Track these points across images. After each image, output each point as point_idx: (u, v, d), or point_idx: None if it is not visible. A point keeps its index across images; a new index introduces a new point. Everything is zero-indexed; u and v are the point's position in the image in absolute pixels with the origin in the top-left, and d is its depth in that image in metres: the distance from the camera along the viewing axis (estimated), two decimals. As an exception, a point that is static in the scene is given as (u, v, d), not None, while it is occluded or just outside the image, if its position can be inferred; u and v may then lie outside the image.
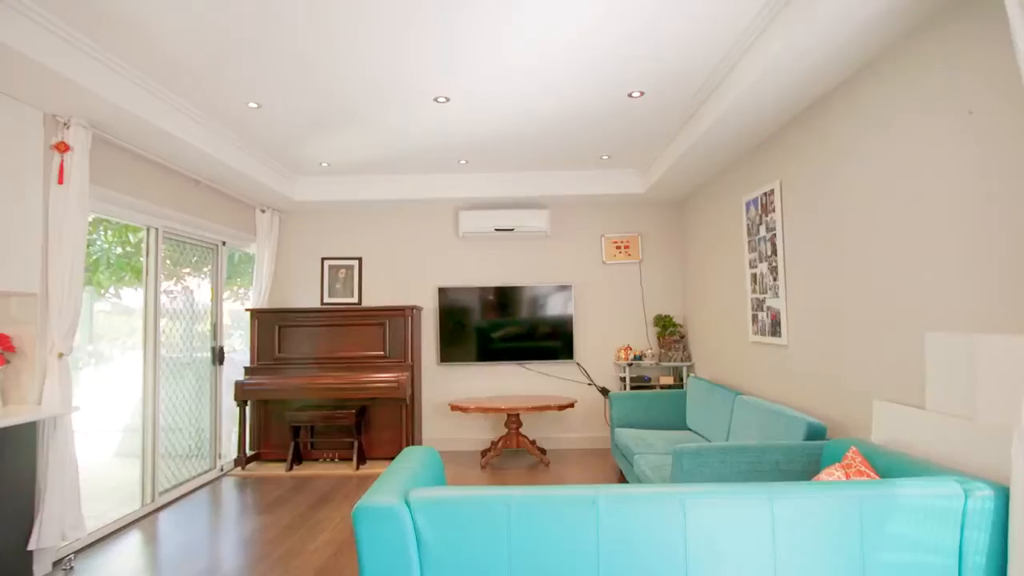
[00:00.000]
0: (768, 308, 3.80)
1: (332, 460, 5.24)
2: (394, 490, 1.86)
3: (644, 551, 1.76)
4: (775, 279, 3.68)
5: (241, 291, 6.07)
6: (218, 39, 2.80)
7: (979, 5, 2.04)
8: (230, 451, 5.22)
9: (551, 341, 5.66)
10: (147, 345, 4.08)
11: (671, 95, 3.61)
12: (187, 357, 4.62)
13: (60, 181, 3.09)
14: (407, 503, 1.80)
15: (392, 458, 5.23)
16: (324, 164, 4.98)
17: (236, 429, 5.18)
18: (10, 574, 2.84)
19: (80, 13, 2.54)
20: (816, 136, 3.17)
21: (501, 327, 5.67)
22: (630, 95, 3.60)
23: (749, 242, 4.08)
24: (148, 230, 4.11)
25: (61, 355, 3.05)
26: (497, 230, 5.60)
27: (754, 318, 4.03)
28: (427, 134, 4.28)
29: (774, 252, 3.68)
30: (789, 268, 3.53)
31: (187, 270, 4.69)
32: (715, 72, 3.25)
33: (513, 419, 5.14)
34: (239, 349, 5.61)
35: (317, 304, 5.78)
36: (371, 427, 5.32)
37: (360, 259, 5.82)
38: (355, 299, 5.78)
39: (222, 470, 4.97)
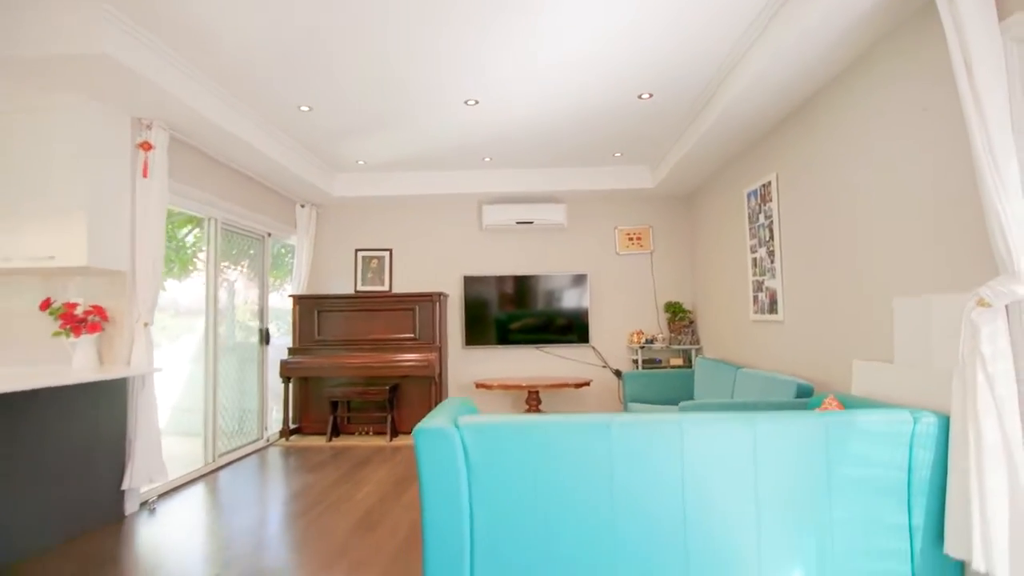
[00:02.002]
0: (766, 288, 4.18)
1: (367, 433, 5.70)
2: (445, 418, 2.30)
3: (649, 466, 2.17)
4: (772, 262, 4.07)
5: (275, 282, 6.55)
6: (280, 51, 3.27)
7: (926, 13, 2.43)
8: (272, 425, 5.69)
9: (567, 326, 6.08)
10: (208, 325, 4.56)
11: (677, 97, 4.01)
12: (239, 338, 5.11)
13: (144, 175, 3.58)
14: (456, 427, 2.23)
15: (421, 432, 5.68)
16: (360, 162, 5.45)
17: (279, 405, 5.66)
18: (107, 508, 3.32)
19: (168, 27, 3.02)
20: (808, 130, 3.56)
21: (521, 313, 6.09)
22: (640, 97, 4.02)
23: (750, 229, 4.46)
24: (208, 220, 4.60)
25: (146, 324, 3.53)
26: (518, 223, 6.03)
27: (754, 299, 4.41)
28: (456, 134, 4.72)
29: (772, 238, 4.07)
30: (785, 251, 3.91)
31: (243, 261, 5.18)
32: (713, 79, 3.66)
33: (533, 396, 5.56)
34: (274, 334, 6.08)
35: (351, 291, 6.26)
36: (402, 404, 5.78)
37: (391, 250, 6.29)
38: (386, 287, 6.24)
39: (268, 441, 5.45)
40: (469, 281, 6.11)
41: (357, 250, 6.30)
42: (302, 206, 6.02)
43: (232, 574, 2.61)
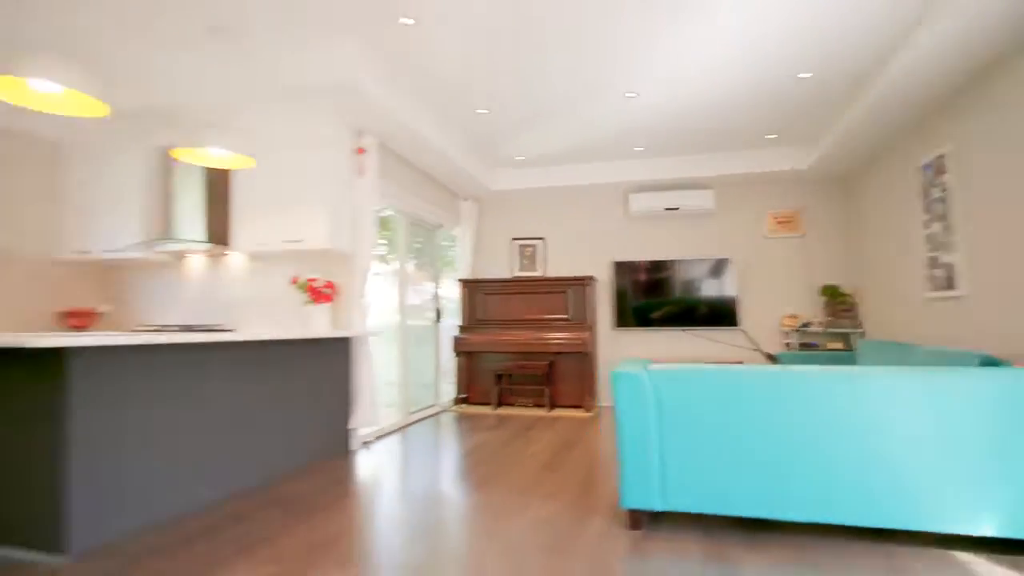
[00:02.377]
0: (943, 264, 4.04)
1: (527, 405, 6.25)
2: (635, 366, 2.67)
3: (825, 411, 2.37)
4: (950, 235, 3.93)
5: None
6: (475, 64, 3.84)
7: None
8: (443, 395, 6.45)
9: (715, 309, 6.18)
10: (400, 306, 5.35)
11: (836, 75, 4.03)
12: (418, 318, 5.89)
13: (360, 175, 4.37)
14: (647, 371, 2.60)
15: (574, 406, 6.11)
16: (519, 157, 6.01)
17: (448, 377, 6.41)
18: (339, 442, 4.13)
19: (398, 59, 3.71)
20: (989, 99, 3.44)
21: (668, 296, 6.30)
22: (798, 77, 4.09)
23: (924, 204, 4.32)
24: (398, 213, 5.39)
25: (362, 297, 4.31)
26: (666, 209, 6.25)
27: (929, 276, 4.26)
28: (612, 125, 5.08)
29: (947, 211, 3.93)
30: (966, 224, 3.77)
31: (421, 248, 5.97)
32: (877, 53, 3.65)
33: (683, 375, 5.75)
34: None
35: (508, 276, 6.86)
36: (557, 379, 6.26)
37: (543, 238, 6.80)
38: (540, 271, 6.77)
39: (442, 407, 6.20)
40: (618, 266, 6.44)
41: (514, 238, 6.90)
42: (464, 200, 6.73)
43: (440, 490, 3.20)
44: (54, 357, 2.31)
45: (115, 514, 2.49)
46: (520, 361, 6.13)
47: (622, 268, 6.44)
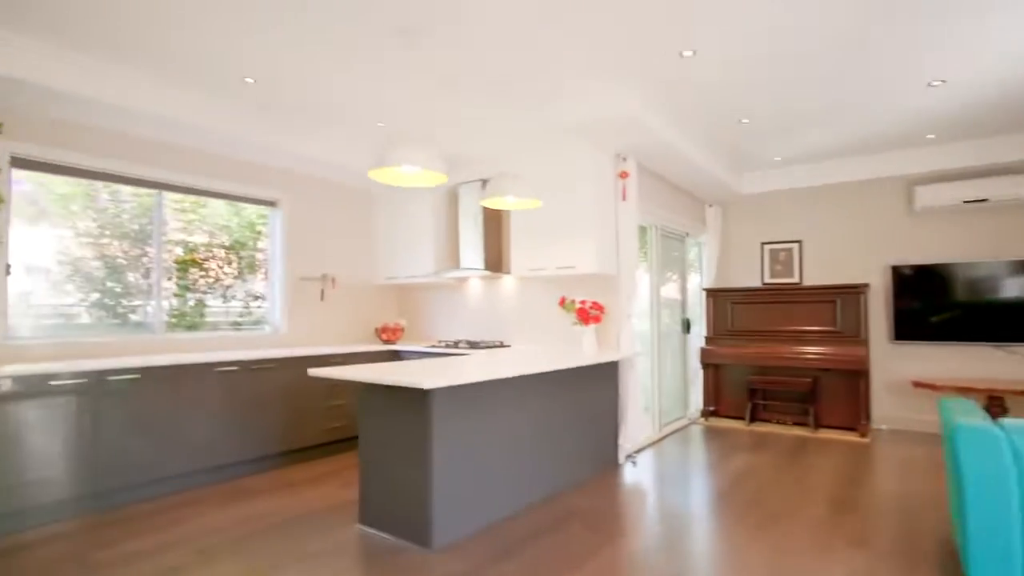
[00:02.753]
0: None
1: (784, 424, 5.86)
2: (975, 418, 2.34)
3: None
4: None
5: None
6: (746, 80, 3.70)
7: None
8: (689, 406, 6.37)
9: (1041, 322, 5.03)
10: (652, 318, 5.43)
11: None
12: (667, 329, 5.90)
13: (623, 199, 4.52)
14: (1002, 428, 2.26)
15: (843, 428, 5.55)
16: (777, 158, 5.62)
17: (694, 388, 6.31)
18: (609, 457, 4.37)
19: (663, 82, 3.76)
20: None
21: (964, 306, 5.31)
22: None
23: None
24: (650, 227, 5.46)
25: (629, 316, 4.48)
26: (965, 202, 5.27)
27: None
28: (903, 115, 4.45)
29: None
30: None
31: (671, 260, 5.97)
32: None
33: (996, 402, 4.83)
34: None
35: (757, 283, 6.48)
36: (822, 397, 5.74)
37: (800, 241, 6.26)
38: (795, 278, 6.25)
39: (690, 420, 6.15)
40: (896, 270, 5.63)
41: (763, 243, 6.48)
42: (710, 206, 6.51)
43: (723, 523, 3.18)
44: (425, 395, 2.87)
45: (461, 519, 3.01)
46: (777, 376, 5.75)
47: (903, 272, 5.61)
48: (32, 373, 3.18)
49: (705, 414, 6.21)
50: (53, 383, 3.27)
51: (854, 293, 5.52)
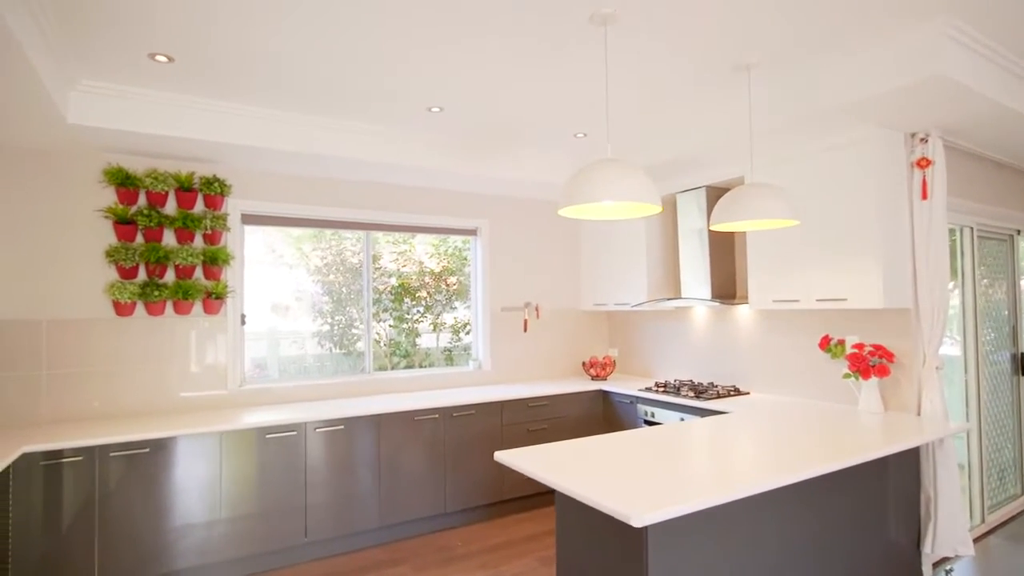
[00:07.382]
0: None
1: None
2: None
3: None
4: None
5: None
6: None
7: None
8: (1025, 470, 4.45)
9: None
10: (967, 348, 3.80)
11: None
12: (991, 371, 4.13)
13: (924, 196, 3.11)
14: None
15: None
16: None
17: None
18: (902, 565, 3.05)
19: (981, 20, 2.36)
20: None
21: None
22: None
23: None
24: (961, 229, 3.83)
25: (937, 368, 3.08)
26: None
27: None
28: None
29: None
30: None
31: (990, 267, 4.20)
32: None
33: None
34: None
35: None
36: None
37: None
38: None
39: (1030, 493, 4.27)
40: None
41: None
42: (1056, 183, 4.44)
43: None
44: (639, 532, 2.10)
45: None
46: None
47: None
48: (249, 427, 3.27)
49: (1058, 489, 4.25)
50: (269, 436, 3.33)
51: None
